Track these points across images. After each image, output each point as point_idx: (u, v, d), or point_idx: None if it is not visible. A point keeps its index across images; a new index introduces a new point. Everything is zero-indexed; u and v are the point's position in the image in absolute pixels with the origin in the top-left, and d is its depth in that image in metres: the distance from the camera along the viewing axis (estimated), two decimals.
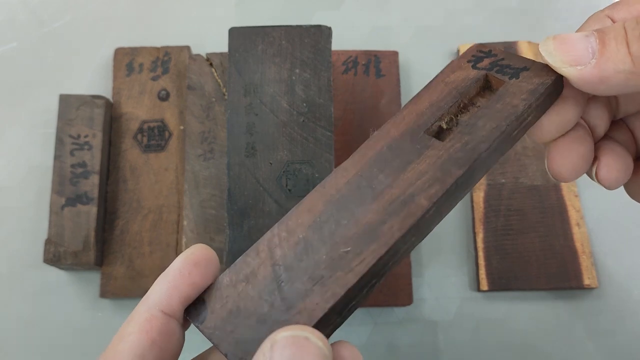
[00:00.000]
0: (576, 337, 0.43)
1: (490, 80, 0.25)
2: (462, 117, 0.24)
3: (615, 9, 0.24)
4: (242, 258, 0.22)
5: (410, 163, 0.23)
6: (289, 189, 0.39)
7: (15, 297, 0.45)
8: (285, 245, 0.22)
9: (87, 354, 0.43)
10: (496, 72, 0.24)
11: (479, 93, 0.25)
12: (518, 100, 0.23)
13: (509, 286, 0.43)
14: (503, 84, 0.24)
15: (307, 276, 0.21)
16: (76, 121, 0.45)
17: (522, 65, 0.24)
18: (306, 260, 0.21)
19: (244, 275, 0.22)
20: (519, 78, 0.24)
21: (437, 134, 0.24)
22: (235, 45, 0.41)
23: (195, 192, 0.44)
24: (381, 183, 0.22)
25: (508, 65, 0.25)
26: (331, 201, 0.22)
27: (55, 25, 0.53)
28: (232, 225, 0.38)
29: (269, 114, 0.40)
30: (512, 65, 0.24)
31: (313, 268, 0.21)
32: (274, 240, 0.22)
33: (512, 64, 0.25)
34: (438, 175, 0.22)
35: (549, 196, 0.45)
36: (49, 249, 0.42)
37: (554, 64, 0.22)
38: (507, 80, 0.24)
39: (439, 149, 0.23)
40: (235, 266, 0.22)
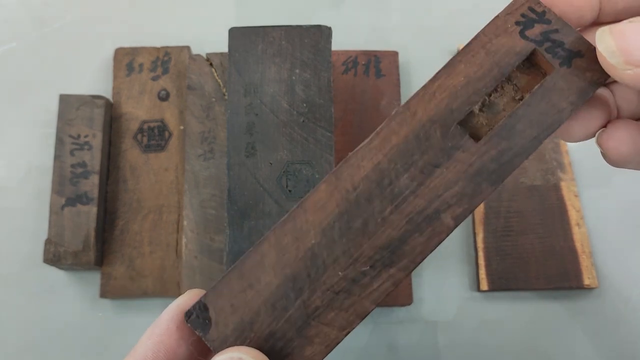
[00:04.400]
0: (576, 337, 0.43)
1: (537, 60, 0.21)
2: (495, 99, 0.21)
3: None
4: (248, 262, 0.20)
5: (438, 166, 0.20)
6: (289, 190, 0.39)
7: (15, 297, 0.45)
8: (293, 250, 0.20)
9: (87, 354, 0.43)
10: (546, 50, 0.21)
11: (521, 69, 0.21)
12: (565, 102, 0.20)
13: (509, 286, 0.43)
14: (552, 70, 0.20)
15: (321, 292, 0.19)
16: (76, 121, 0.45)
17: (577, 49, 0.21)
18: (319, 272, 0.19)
19: (249, 282, 0.20)
20: (570, 66, 0.20)
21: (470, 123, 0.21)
22: (235, 45, 0.41)
23: (195, 192, 0.44)
24: (404, 186, 0.20)
25: (561, 43, 0.21)
26: (346, 200, 0.20)
27: (55, 25, 0.53)
28: (232, 226, 0.38)
29: (269, 114, 0.40)
30: (566, 45, 0.21)
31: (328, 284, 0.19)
32: (282, 243, 0.20)
33: (566, 42, 0.21)
34: (467, 191, 0.20)
35: (549, 196, 0.45)
36: (49, 249, 0.42)
37: (617, 65, 0.19)
38: (557, 66, 0.20)
39: (472, 152, 0.20)
40: (240, 270, 0.20)
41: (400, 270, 0.19)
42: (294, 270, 0.20)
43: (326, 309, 0.19)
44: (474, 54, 0.21)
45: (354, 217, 0.20)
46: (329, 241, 0.20)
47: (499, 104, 0.21)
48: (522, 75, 0.21)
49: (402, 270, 0.19)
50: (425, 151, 0.20)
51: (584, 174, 0.47)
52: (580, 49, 0.21)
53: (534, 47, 0.21)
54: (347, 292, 0.19)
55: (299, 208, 0.20)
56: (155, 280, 0.43)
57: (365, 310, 0.19)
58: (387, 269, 0.19)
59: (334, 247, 0.20)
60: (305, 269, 0.20)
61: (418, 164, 0.20)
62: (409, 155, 0.20)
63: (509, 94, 0.21)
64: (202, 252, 0.42)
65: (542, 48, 0.21)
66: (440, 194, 0.20)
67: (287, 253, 0.20)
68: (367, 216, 0.20)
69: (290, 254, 0.20)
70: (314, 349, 0.19)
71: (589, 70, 0.20)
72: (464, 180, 0.20)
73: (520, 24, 0.21)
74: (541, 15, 0.21)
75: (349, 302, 0.19)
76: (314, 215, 0.20)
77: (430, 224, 0.19)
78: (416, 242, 0.19)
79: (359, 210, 0.20)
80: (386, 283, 0.19)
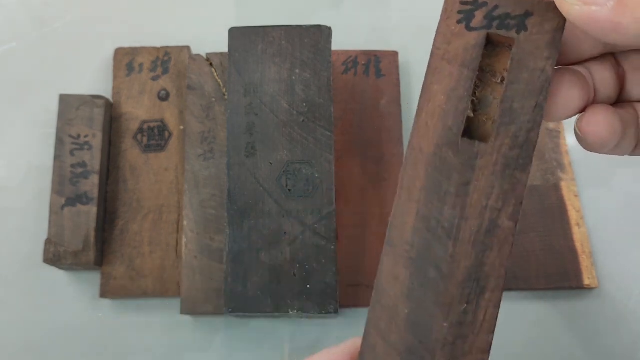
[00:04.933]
0: (576, 337, 0.43)
1: (496, 40, 0.21)
2: (482, 94, 0.21)
3: None
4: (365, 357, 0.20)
5: (469, 183, 0.20)
6: (289, 189, 0.39)
7: (15, 297, 0.45)
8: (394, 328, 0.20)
9: (87, 354, 0.43)
10: (498, 28, 0.21)
11: (488, 56, 0.21)
12: (542, 61, 0.20)
13: (509, 286, 0.43)
14: (513, 42, 0.20)
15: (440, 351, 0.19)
16: (76, 121, 0.45)
17: (524, 11, 0.21)
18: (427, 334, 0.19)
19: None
20: (527, 29, 0.20)
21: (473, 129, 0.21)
22: (235, 45, 0.41)
23: (195, 192, 0.44)
24: (451, 217, 0.20)
25: (507, 15, 0.21)
26: (410, 259, 0.20)
27: (55, 25, 0.53)
28: (232, 225, 0.38)
29: (269, 114, 0.40)
30: (512, 14, 0.21)
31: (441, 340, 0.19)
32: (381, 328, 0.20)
33: (511, 12, 0.21)
34: (506, 187, 0.19)
35: (549, 196, 0.45)
36: (49, 249, 0.42)
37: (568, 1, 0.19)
38: (515, 35, 0.20)
39: (489, 152, 0.20)
40: None
41: (494, 291, 0.19)
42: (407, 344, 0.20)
43: None
44: (440, 70, 0.21)
45: (426, 269, 0.20)
46: (419, 302, 0.20)
47: (488, 96, 0.21)
48: (492, 60, 0.21)
49: (494, 290, 0.19)
50: (450, 176, 0.20)
51: (584, 174, 0.47)
52: (527, 9, 0.21)
53: (485, 32, 0.21)
54: (461, 337, 0.19)
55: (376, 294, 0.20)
56: (155, 280, 0.43)
57: (486, 344, 0.19)
58: (482, 297, 0.19)
59: (425, 305, 0.20)
60: (415, 338, 0.20)
61: (451, 191, 0.20)
62: (439, 188, 0.20)
63: (490, 82, 0.21)
64: (202, 252, 0.42)
65: (493, 29, 0.21)
66: (485, 204, 0.20)
67: (391, 334, 0.20)
68: (436, 262, 0.20)
69: (393, 333, 0.20)
70: None
71: (545, 22, 0.20)
72: (497, 179, 0.20)
73: (462, 21, 0.21)
74: (475, 2, 0.21)
75: (468, 345, 0.19)
76: (391, 288, 0.20)
77: (494, 236, 0.19)
78: (491, 259, 0.19)
79: (427, 261, 0.20)
80: (489, 309, 0.20)
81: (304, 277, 0.37)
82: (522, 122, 0.20)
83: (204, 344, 0.43)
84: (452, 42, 0.21)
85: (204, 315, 0.43)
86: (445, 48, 0.21)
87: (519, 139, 0.20)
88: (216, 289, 0.41)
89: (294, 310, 0.37)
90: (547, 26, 0.20)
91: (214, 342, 0.43)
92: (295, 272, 0.37)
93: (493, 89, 0.21)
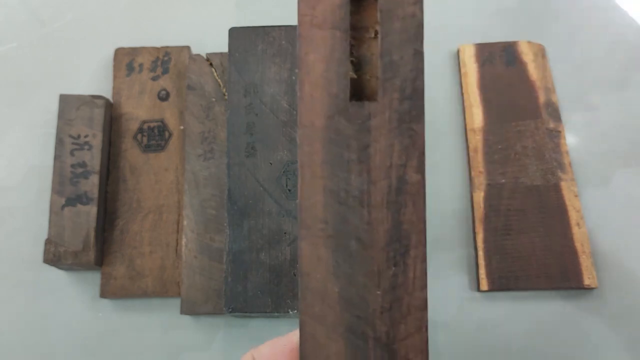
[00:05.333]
0: (576, 337, 0.43)
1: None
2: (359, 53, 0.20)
3: None
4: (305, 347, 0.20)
5: (368, 147, 0.19)
6: (288, 189, 0.39)
7: (15, 297, 0.45)
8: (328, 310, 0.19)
9: (87, 354, 0.43)
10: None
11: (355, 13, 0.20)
12: (410, 6, 0.19)
13: (509, 286, 0.43)
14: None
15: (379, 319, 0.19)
16: (76, 121, 0.45)
17: None
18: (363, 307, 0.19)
19: None
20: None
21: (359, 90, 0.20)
22: (235, 45, 0.41)
23: (195, 192, 0.44)
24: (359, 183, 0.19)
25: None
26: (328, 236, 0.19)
27: (55, 25, 0.53)
28: (232, 225, 0.38)
29: (269, 114, 0.40)
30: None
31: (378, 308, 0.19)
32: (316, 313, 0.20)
33: None
34: (406, 142, 0.19)
35: (549, 196, 0.45)
36: (49, 249, 0.42)
37: None
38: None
39: (381, 111, 0.19)
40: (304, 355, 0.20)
41: (417, 247, 0.19)
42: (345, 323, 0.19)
43: (394, 327, 0.19)
44: (311, 38, 0.20)
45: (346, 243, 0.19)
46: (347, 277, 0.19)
47: (366, 54, 0.20)
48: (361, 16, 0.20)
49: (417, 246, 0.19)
50: (348, 144, 0.19)
51: (584, 174, 0.47)
52: None
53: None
54: (396, 300, 0.19)
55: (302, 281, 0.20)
56: (155, 280, 0.43)
57: (422, 300, 0.19)
58: (407, 256, 0.19)
59: (355, 278, 0.19)
60: (352, 314, 0.19)
61: (353, 158, 0.19)
62: (340, 158, 0.19)
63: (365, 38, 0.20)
64: (202, 252, 0.42)
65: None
66: (389, 163, 0.19)
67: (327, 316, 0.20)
68: (355, 233, 0.19)
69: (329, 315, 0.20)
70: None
71: None
72: (396, 136, 0.19)
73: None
74: None
75: (405, 306, 0.19)
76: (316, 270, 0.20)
77: (405, 192, 0.19)
78: (408, 215, 0.19)
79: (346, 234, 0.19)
80: (417, 266, 0.19)
81: None
82: (404, 72, 0.19)
83: (204, 344, 0.43)
84: (316, 6, 0.20)
85: (204, 315, 0.43)
86: (311, 13, 0.20)
87: (406, 91, 0.19)
88: (216, 289, 0.41)
89: (293, 310, 0.37)
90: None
91: (214, 342, 0.43)
92: (295, 272, 0.37)
93: (369, 45, 0.20)
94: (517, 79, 0.49)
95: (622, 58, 0.51)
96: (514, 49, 0.50)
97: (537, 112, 0.47)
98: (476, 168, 0.46)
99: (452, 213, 0.46)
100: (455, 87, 0.50)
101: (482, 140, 0.47)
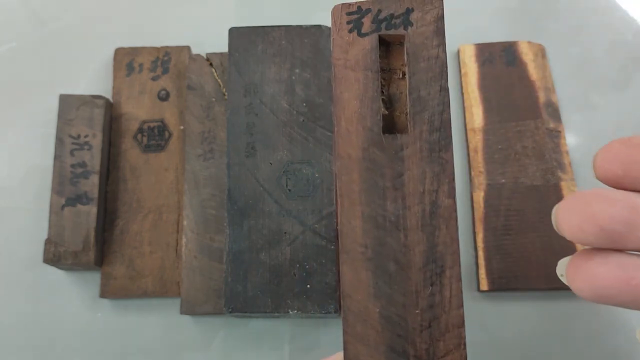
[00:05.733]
0: (576, 337, 0.43)
1: (388, 39, 0.23)
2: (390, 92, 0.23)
3: None
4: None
5: (402, 175, 0.21)
6: (289, 189, 0.39)
7: (15, 297, 0.45)
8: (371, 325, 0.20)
9: (87, 354, 0.43)
10: (387, 29, 0.22)
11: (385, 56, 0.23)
12: (434, 48, 0.22)
13: (509, 286, 0.43)
14: (404, 38, 0.22)
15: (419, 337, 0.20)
16: (76, 121, 0.45)
17: (404, 9, 0.22)
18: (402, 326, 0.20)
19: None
20: (413, 25, 0.22)
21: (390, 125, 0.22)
22: (235, 45, 0.41)
23: (195, 192, 0.44)
24: (394, 210, 0.21)
25: (391, 15, 0.22)
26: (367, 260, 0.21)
27: (55, 25, 0.53)
28: (232, 225, 0.38)
29: (269, 114, 0.40)
30: (395, 13, 0.22)
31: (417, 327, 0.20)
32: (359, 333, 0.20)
33: (394, 12, 0.22)
34: (436, 169, 0.21)
35: (549, 196, 0.45)
36: (49, 249, 0.42)
37: None
38: (403, 31, 0.22)
39: (412, 142, 0.21)
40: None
41: (453, 267, 0.20)
42: (387, 342, 0.20)
43: (434, 344, 0.20)
44: (346, 78, 0.22)
45: (385, 265, 0.21)
46: (386, 297, 0.20)
47: (395, 92, 0.22)
48: (390, 60, 0.23)
49: (453, 266, 0.20)
50: (383, 172, 0.21)
51: (583, 174, 0.47)
52: (407, 6, 0.22)
53: (377, 34, 0.22)
54: (435, 318, 0.20)
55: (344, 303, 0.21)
56: (155, 280, 0.43)
57: (459, 318, 0.20)
58: (443, 275, 0.20)
59: (394, 298, 0.20)
60: (393, 333, 0.20)
61: (388, 186, 0.21)
62: (376, 187, 0.21)
63: (394, 79, 0.23)
64: (202, 252, 0.42)
65: (383, 31, 0.22)
66: (422, 190, 0.21)
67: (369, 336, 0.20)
68: (393, 255, 0.21)
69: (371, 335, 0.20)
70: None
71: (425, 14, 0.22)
72: (427, 164, 0.21)
73: (352, 30, 0.23)
74: (359, 10, 0.23)
75: (443, 324, 0.20)
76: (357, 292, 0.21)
77: (438, 216, 0.20)
78: (442, 237, 0.20)
79: (384, 257, 0.21)
80: (453, 285, 0.20)
81: (304, 277, 0.37)
82: (432, 106, 0.21)
83: (204, 344, 0.43)
84: (349, 50, 0.22)
85: (204, 315, 0.43)
86: (344, 57, 0.22)
87: (434, 123, 0.21)
88: (216, 289, 0.41)
89: (294, 310, 0.37)
90: (428, 17, 0.22)
91: (214, 342, 0.43)
92: (295, 272, 0.37)
93: (398, 85, 0.23)
94: (517, 79, 0.49)
95: (622, 58, 0.51)
96: (514, 49, 0.50)
97: (537, 112, 0.47)
98: (476, 168, 0.46)
99: None
100: (455, 87, 0.50)
101: (482, 140, 0.47)
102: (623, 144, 0.20)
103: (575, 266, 0.21)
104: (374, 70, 0.22)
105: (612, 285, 0.19)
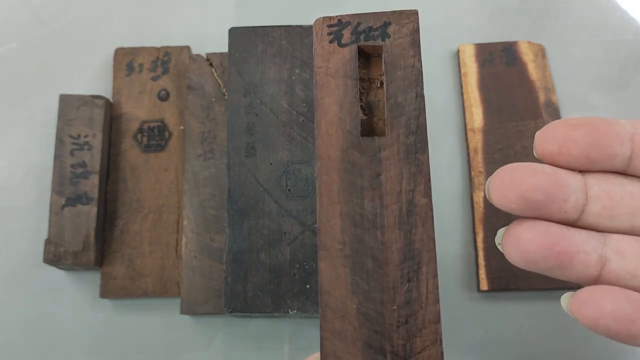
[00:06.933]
0: (576, 337, 0.43)
1: (367, 50, 0.24)
2: (368, 98, 0.24)
3: None
4: None
5: (379, 175, 0.22)
6: (288, 189, 0.39)
7: (15, 297, 0.45)
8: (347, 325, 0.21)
9: (87, 354, 0.43)
10: (366, 40, 0.24)
11: (364, 65, 0.24)
12: (410, 58, 0.23)
13: (509, 286, 0.43)
14: (382, 49, 0.24)
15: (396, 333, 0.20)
16: (76, 121, 0.45)
17: (382, 22, 0.24)
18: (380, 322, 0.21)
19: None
20: (390, 37, 0.24)
21: (369, 130, 0.23)
22: (235, 45, 0.41)
23: (195, 192, 0.44)
24: (372, 208, 0.22)
25: (370, 28, 0.24)
26: (346, 256, 0.21)
27: (55, 25, 0.53)
28: (232, 225, 0.38)
29: (269, 114, 0.40)
30: (374, 26, 0.24)
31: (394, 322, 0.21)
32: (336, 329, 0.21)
33: (372, 25, 0.24)
34: (413, 170, 0.22)
35: None
36: (49, 249, 0.42)
37: None
38: (381, 43, 0.24)
39: (390, 144, 0.22)
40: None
41: (429, 264, 0.21)
42: (364, 338, 0.21)
43: (410, 340, 0.21)
44: (326, 85, 0.24)
45: (363, 262, 0.21)
46: (364, 293, 0.21)
47: (374, 100, 0.24)
48: (368, 70, 0.24)
49: (429, 263, 0.21)
50: (361, 173, 0.22)
51: None
52: (384, 20, 0.24)
53: (356, 45, 0.24)
54: (411, 314, 0.21)
55: (322, 299, 0.21)
56: (155, 280, 0.43)
57: (435, 314, 0.21)
58: (419, 272, 0.21)
59: (371, 295, 0.21)
60: (370, 329, 0.21)
61: (365, 185, 0.22)
62: (354, 186, 0.22)
63: (372, 88, 0.24)
64: (202, 252, 0.42)
65: (362, 42, 0.24)
66: (399, 189, 0.22)
67: (347, 332, 0.21)
68: (371, 252, 0.21)
69: (348, 331, 0.21)
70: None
71: (402, 27, 0.24)
72: (404, 165, 0.22)
73: (333, 40, 0.24)
74: (339, 23, 0.25)
75: (420, 319, 0.21)
76: (335, 288, 0.21)
77: (414, 214, 0.21)
78: (418, 235, 0.21)
79: (362, 254, 0.21)
80: (430, 281, 0.21)
81: (303, 277, 0.37)
82: (409, 111, 0.22)
83: (204, 343, 0.43)
84: (330, 59, 0.24)
85: (204, 315, 0.43)
86: (325, 65, 0.24)
87: (411, 127, 0.22)
88: (216, 289, 0.41)
89: (293, 310, 0.37)
90: (405, 30, 0.24)
91: (213, 342, 0.43)
92: (295, 272, 0.37)
93: (376, 93, 0.24)
94: (517, 79, 0.49)
95: (622, 58, 0.51)
96: (513, 49, 0.50)
97: (537, 112, 0.47)
98: (476, 168, 0.46)
99: (452, 213, 0.46)
100: (455, 87, 0.50)
101: (482, 140, 0.47)
102: (561, 123, 0.21)
103: (507, 234, 0.23)
104: (353, 77, 0.23)
105: (536, 250, 0.21)
